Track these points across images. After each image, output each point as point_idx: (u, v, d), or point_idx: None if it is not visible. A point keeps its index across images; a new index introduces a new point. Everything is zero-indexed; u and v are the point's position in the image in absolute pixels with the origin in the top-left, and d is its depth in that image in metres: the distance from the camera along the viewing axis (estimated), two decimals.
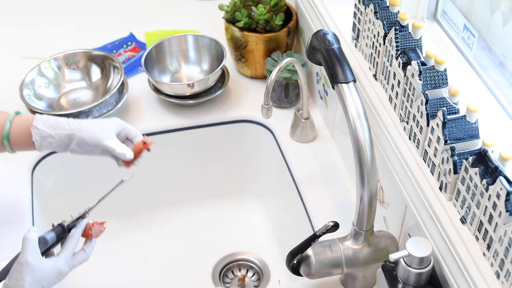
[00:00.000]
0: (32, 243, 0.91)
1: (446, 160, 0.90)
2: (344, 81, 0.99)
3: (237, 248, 1.51)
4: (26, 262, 0.89)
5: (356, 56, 1.17)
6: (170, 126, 1.45)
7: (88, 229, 1.01)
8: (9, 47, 1.65)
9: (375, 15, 1.08)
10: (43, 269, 0.92)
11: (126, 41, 1.64)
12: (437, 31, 1.19)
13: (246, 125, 1.48)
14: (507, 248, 0.79)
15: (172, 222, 1.56)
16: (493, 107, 1.03)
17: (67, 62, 1.49)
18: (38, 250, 0.92)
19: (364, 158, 0.95)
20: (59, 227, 0.99)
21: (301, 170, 1.35)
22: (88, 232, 1.01)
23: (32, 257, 0.90)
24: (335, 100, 1.32)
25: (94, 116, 1.40)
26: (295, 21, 1.47)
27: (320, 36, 1.05)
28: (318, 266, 1.02)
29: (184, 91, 1.43)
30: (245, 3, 1.47)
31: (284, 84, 1.42)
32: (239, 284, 1.45)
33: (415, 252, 0.91)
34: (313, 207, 1.27)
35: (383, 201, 1.15)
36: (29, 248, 0.91)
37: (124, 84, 1.46)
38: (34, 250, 0.91)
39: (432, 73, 0.95)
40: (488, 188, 0.81)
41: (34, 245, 0.91)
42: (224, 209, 1.58)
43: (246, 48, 1.46)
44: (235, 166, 1.56)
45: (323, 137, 1.41)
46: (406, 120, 1.01)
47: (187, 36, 1.52)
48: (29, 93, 1.41)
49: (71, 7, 1.78)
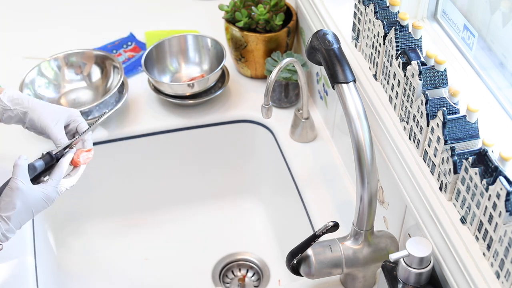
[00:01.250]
0: (22, 169, 0.94)
1: (446, 160, 0.90)
2: (344, 81, 0.99)
3: (237, 248, 1.51)
4: (16, 187, 0.93)
5: (356, 56, 1.17)
6: (170, 126, 1.45)
7: (76, 157, 1.04)
8: (9, 47, 1.65)
9: (375, 15, 1.08)
10: (32, 194, 0.95)
11: (126, 41, 1.64)
12: (437, 31, 1.19)
13: (246, 125, 1.48)
14: (507, 248, 0.79)
15: (172, 222, 1.56)
16: (493, 107, 1.03)
17: (67, 62, 1.49)
18: (27, 176, 0.95)
19: (364, 158, 0.95)
20: (47, 156, 1.01)
21: (301, 170, 1.35)
22: (76, 160, 1.04)
23: (22, 182, 0.93)
24: (335, 100, 1.32)
25: (94, 116, 1.40)
26: (295, 21, 1.47)
27: (320, 36, 1.05)
28: (318, 266, 1.02)
29: (184, 91, 1.43)
30: (245, 3, 1.46)
31: (284, 84, 1.42)
32: (239, 284, 1.45)
33: (415, 252, 0.91)
34: (313, 207, 1.27)
35: (383, 201, 1.15)
36: (19, 174, 0.94)
37: (124, 84, 1.46)
38: (24, 176, 0.94)
39: (432, 73, 0.95)
40: (488, 188, 0.81)
41: (24, 171, 0.94)
42: (224, 209, 1.58)
43: (246, 48, 1.46)
44: (235, 166, 1.56)
45: (323, 137, 1.41)
46: (406, 120, 1.01)
47: (187, 36, 1.52)
48: (29, 93, 1.41)
49: (71, 7, 1.77)
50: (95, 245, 1.51)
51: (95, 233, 1.53)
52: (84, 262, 1.48)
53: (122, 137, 1.43)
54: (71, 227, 1.51)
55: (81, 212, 1.52)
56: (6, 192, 0.93)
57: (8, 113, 1.07)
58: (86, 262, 1.48)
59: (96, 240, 1.51)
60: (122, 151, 1.45)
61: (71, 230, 1.51)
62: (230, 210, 1.58)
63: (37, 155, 1.37)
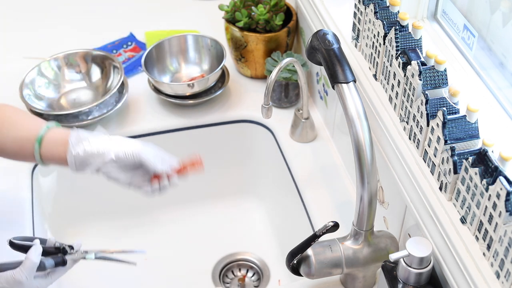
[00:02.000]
0: (32, 266, 0.97)
1: (446, 160, 0.90)
2: (344, 81, 0.99)
3: (237, 248, 1.51)
4: (20, 282, 0.97)
5: (356, 56, 1.17)
6: (170, 126, 1.45)
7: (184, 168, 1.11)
8: (9, 47, 1.65)
9: (375, 15, 1.08)
10: (29, 287, 0.98)
11: (126, 41, 1.64)
12: (437, 31, 1.19)
13: (246, 125, 1.48)
14: (507, 248, 0.79)
15: (172, 222, 1.56)
16: (493, 107, 1.03)
17: (67, 62, 1.49)
18: (33, 272, 0.98)
19: (364, 158, 0.95)
20: (60, 259, 1.03)
21: (301, 170, 1.35)
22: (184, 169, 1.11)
23: (26, 278, 0.97)
24: (335, 100, 1.32)
25: (94, 116, 1.40)
26: (295, 21, 1.47)
27: (320, 36, 1.04)
28: (318, 266, 1.02)
29: (184, 91, 1.43)
30: (245, 3, 1.46)
31: (284, 84, 1.42)
32: (239, 284, 1.45)
33: (415, 252, 0.91)
34: (313, 207, 1.27)
35: (383, 201, 1.15)
36: (28, 269, 0.97)
37: (124, 84, 1.46)
38: (30, 272, 0.97)
39: (432, 73, 0.95)
40: (488, 188, 0.81)
41: (33, 268, 0.98)
42: (224, 209, 1.58)
43: (246, 48, 1.46)
44: (235, 166, 1.56)
45: (323, 137, 1.41)
46: (406, 120, 1.01)
47: (187, 36, 1.52)
48: (29, 93, 1.41)
49: (71, 7, 1.77)
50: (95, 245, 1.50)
51: (95, 233, 1.52)
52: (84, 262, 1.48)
53: None
54: (71, 227, 1.51)
55: (81, 212, 1.52)
56: (8, 279, 0.96)
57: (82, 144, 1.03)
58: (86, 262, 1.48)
59: (96, 240, 1.51)
60: None
61: (71, 230, 1.51)
62: (230, 210, 1.58)
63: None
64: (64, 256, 1.03)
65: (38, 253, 0.98)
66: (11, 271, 0.97)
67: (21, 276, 0.96)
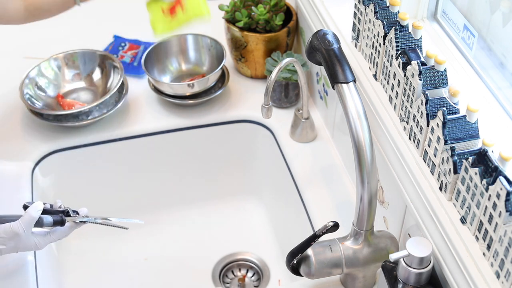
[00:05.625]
0: (30, 220, 1.01)
1: (446, 160, 0.90)
2: (344, 81, 0.99)
3: (237, 248, 1.51)
4: (17, 233, 1.00)
5: (356, 56, 1.17)
6: (170, 126, 1.45)
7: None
8: (9, 47, 1.64)
9: (375, 15, 1.08)
10: (27, 240, 1.02)
11: (118, 44, 1.62)
12: (437, 31, 1.19)
13: (246, 125, 1.48)
14: (507, 248, 0.79)
15: (172, 222, 1.56)
16: (493, 107, 1.03)
17: (67, 62, 1.49)
18: (31, 226, 1.02)
19: (364, 158, 0.95)
20: (60, 218, 1.06)
21: (301, 170, 1.35)
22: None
23: (24, 230, 1.01)
24: (335, 100, 1.32)
25: (94, 116, 1.40)
26: (295, 21, 1.47)
27: (320, 36, 1.05)
28: (318, 266, 1.02)
29: (184, 91, 1.43)
30: (245, 3, 1.46)
31: (284, 84, 1.42)
32: (239, 284, 1.45)
33: (415, 252, 0.91)
34: (313, 207, 1.27)
35: (383, 201, 1.15)
36: (26, 222, 1.01)
37: (124, 84, 1.46)
38: (28, 226, 1.01)
39: (432, 73, 0.95)
40: (488, 188, 0.81)
41: (31, 222, 1.01)
42: (224, 209, 1.58)
43: (246, 48, 1.46)
44: (235, 166, 1.56)
45: (323, 137, 1.41)
46: (406, 120, 1.01)
47: (187, 36, 1.52)
48: (29, 93, 1.41)
49: None
50: (95, 245, 1.51)
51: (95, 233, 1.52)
52: (84, 262, 1.48)
53: (122, 137, 1.43)
54: None
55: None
56: (6, 229, 1.00)
57: None
58: (86, 262, 1.48)
59: (96, 240, 1.51)
60: (122, 151, 1.45)
61: None
62: (230, 210, 1.58)
63: (38, 155, 1.38)
64: (63, 216, 1.06)
65: (38, 209, 1.02)
66: (9, 223, 1.00)
67: (19, 228, 1.00)
